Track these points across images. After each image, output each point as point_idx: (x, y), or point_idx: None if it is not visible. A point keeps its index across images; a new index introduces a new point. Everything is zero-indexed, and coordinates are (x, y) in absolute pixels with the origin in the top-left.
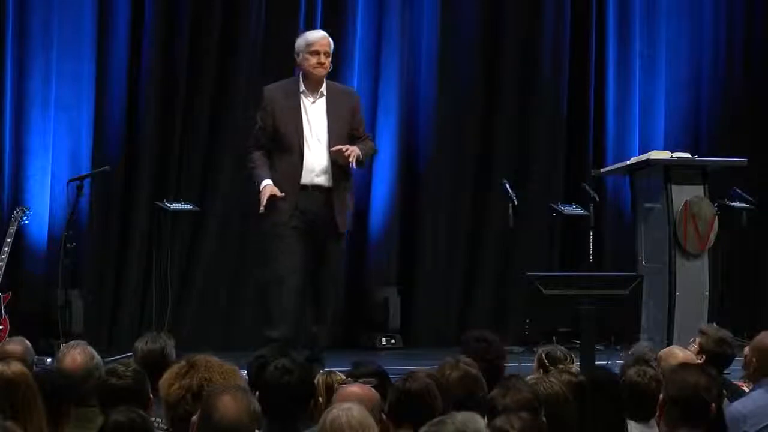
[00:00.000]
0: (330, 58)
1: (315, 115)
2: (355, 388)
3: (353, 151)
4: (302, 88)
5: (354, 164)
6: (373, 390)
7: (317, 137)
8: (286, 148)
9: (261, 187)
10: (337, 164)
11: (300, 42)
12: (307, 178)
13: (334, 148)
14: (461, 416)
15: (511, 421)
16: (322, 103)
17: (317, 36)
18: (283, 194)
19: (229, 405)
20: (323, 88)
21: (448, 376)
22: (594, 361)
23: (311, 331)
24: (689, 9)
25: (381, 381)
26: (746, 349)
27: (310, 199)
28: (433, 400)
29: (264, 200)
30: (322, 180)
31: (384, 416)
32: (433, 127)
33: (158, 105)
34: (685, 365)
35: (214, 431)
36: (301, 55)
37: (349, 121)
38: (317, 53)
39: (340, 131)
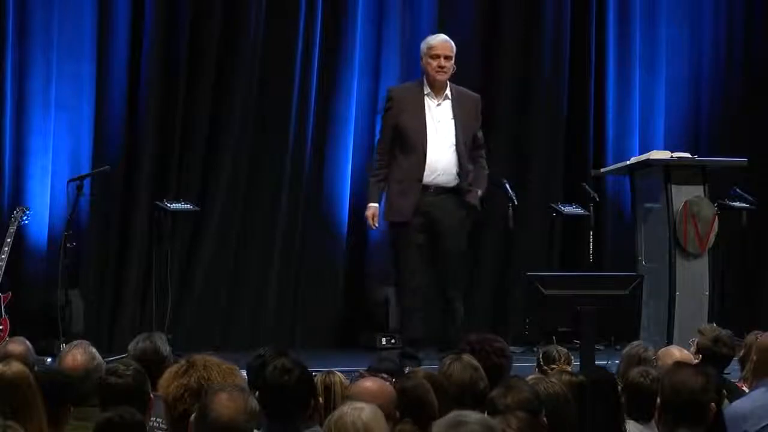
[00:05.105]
0: (452, 62)
1: (440, 116)
2: (369, 383)
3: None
4: (427, 90)
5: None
6: (388, 384)
7: (443, 137)
8: (410, 147)
9: (367, 209)
10: (463, 165)
11: (422, 45)
12: (429, 177)
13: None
14: (475, 416)
15: (509, 421)
16: (447, 105)
17: (438, 40)
18: (376, 225)
19: (224, 404)
20: (448, 91)
21: (450, 367)
22: (594, 361)
23: (449, 332)
24: (689, 9)
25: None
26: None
27: (431, 199)
28: (429, 397)
29: (371, 222)
30: (444, 180)
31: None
32: None
33: (158, 105)
34: (679, 366)
35: (210, 430)
36: (423, 58)
37: (473, 125)
38: (437, 57)
39: (465, 134)
